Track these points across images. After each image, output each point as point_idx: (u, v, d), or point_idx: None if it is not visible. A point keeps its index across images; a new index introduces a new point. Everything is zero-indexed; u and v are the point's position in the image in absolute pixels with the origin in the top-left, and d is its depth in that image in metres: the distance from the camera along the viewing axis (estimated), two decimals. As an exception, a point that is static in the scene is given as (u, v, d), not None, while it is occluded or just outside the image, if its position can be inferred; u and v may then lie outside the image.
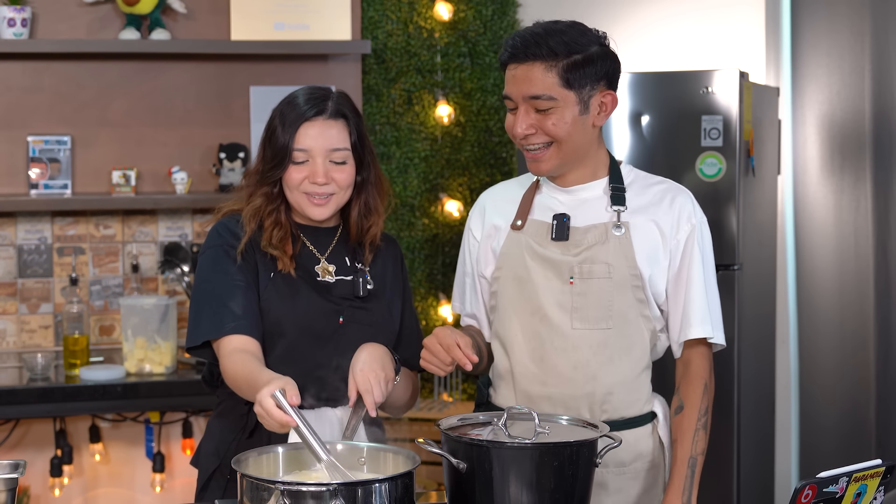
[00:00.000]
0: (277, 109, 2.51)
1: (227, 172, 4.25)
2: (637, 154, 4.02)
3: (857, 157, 3.98)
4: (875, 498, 1.94)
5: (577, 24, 2.43)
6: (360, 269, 2.56)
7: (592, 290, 2.41)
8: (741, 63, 4.37)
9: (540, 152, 2.40)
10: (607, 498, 2.45)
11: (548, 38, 2.37)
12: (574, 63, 2.36)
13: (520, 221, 2.49)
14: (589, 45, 2.39)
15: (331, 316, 2.51)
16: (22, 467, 2.14)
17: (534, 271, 2.44)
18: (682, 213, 2.45)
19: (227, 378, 2.44)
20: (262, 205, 2.51)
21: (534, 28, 2.42)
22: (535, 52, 2.36)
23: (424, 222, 4.50)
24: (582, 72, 2.36)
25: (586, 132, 2.41)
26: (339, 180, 2.48)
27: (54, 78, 4.22)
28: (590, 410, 2.43)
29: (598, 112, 2.41)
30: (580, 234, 2.43)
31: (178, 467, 4.33)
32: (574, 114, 2.37)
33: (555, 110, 2.36)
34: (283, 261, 2.49)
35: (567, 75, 2.35)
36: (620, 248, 2.41)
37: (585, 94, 2.38)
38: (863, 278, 3.92)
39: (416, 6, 4.45)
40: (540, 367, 2.44)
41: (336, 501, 1.97)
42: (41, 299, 4.27)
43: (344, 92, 2.56)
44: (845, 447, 4.09)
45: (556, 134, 2.37)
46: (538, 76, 2.36)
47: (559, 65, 2.35)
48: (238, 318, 2.43)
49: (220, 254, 2.50)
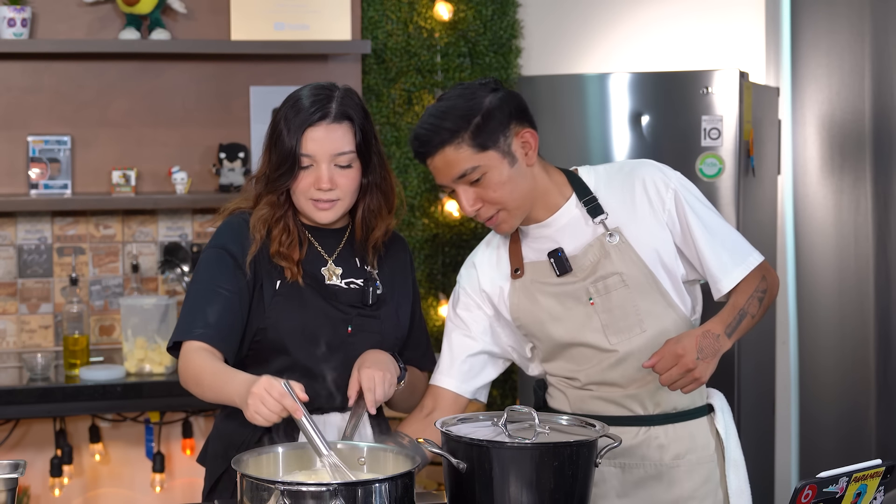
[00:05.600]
0: (281, 113, 2.46)
1: (227, 172, 4.25)
2: (637, 154, 4.02)
3: (856, 157, 3.98)
4: (875, 498, 1.94)
5: (464, 89, 2.41)
6: (368, 273, 2.55)
7: (614, 303, 2.43)
8: (741, 63, 4.37)
9: (495, 218, 2.43)
10: (663, 491, 2.47)
11: (441, 122, 2.36)
12: (476, 127, 2.35)
13: (518, 270, 2.51)
14: (480, 102, 2.37)
15: (339, 325, 2.49)
16: (22, 467, 2.13)
17: (552, 309, 2.47)
18: (656, 186, 2.46)
19: (185, 373, 2.37)
20: (269, 214, 2.49)
21: (426, 119, 2.39)
22: (437, 140, 2.36)
23: (424, 222, 4.50)
24: (488, 129, 2.36)
25: (525, 177, 2.42)
26: (343, 185, 2.45)
27: (54, 78, 4.22)
28: (642, 406, 2.48)
29: (524, 154, 2.41)
30: (580, 259, 2.45)
31: (178, 467, 4.33)
32: (505, 169, 2.38)
33: (486, 175, 2.37)
34: (290, 270, 2.47)
35: (477, 141, 2.35)
36: (623, 254, 2.42)
37: (503, 145, 2.38)
38: (863, 278, 3.92)
39: (416, 6, 4.45)
40: (596, 383, 2.50)
41: (336, 501, 1.97)
42: (41, 299, 4.27)
43: (349, 88, 2.51)
44: (845, 447, 4.09)
45: (499, 200, 2.40)
46: (452, 158, 2.36)
47: (465, 137, 2.35)
48: (208, 326, 2.39)
49: (214, 256, 2.48)
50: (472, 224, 4.50)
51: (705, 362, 2.27)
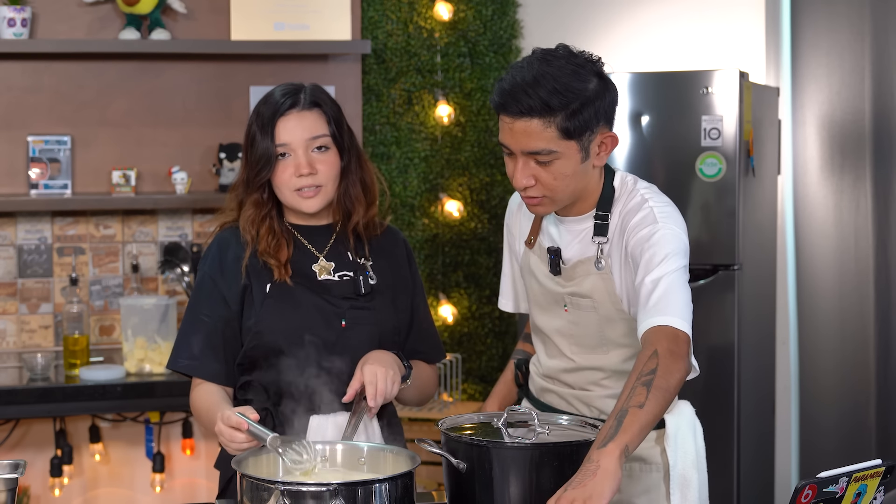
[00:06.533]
0: (254, 112, 2.53)
1: (227, 172, 4.25)
2: (637, 154, 4.02)
3: (856, 157, 3.98)
4: (875, 498, 1.94)
5: (570, 62, 2.27)
6: (360, 265, 2.56)
7: (584, 320, 2.42)
8: (741, 63, 4.37)
9: (536, 200, 2.34)
10: None
11: (539, 88, 2.22)
12: (572, 112, 2.23)
13: (533, 238, 2.50)
14: (585, 87, 2.25)
15: (332, 320, 2.50)
16: (22, 467, 2.13)
17: (537, 294, 2.49)
18: (655, 255, 2.29)
19: (192, 410, 2.55)
20: (255, 213, 2.53)
21: (524, 75, 2.25)
22: (529, 105, 2.22)
23: (424, 222, 4.50)
24: (581, 118, 2.24)
25: (586, 175, 2.35)
26: (323, 171, 2.49)
27: (54, 78, 4.22)
28: (590, 411, 2.46)
29: (597, 153, 2.33)
30: (570, 269, 2.43)
31: (178, 467, 4.33)
32: (576, 162, 2.29)
33: (556, 162, 2.28)
34: (278, 270, 2.50)
35: (566, 126, 2.24)
36: (603, 284, 2.39)
37: (586, 139, 2.28)
38: (863, 278, 3.92)
39: (416, 6, 4.45)
40: (551, 377, 2.51)
41: (336, 501, 1.97)
42: (41, 299, 4.27)
43: (317, 84, 2.57)
44: (845, 447, 4.09)
45: (554, 188, 2.30)
46: (536, 132, 2.24)
47: (557, 118, 2.23)
48: (193, 358, 2.51)
49: (198, 282, 2.57)
50: (472, 224, 4.50)
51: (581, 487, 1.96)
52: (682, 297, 2.23)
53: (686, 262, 2.30)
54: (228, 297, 2.51)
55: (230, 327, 2.51)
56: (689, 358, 2.16)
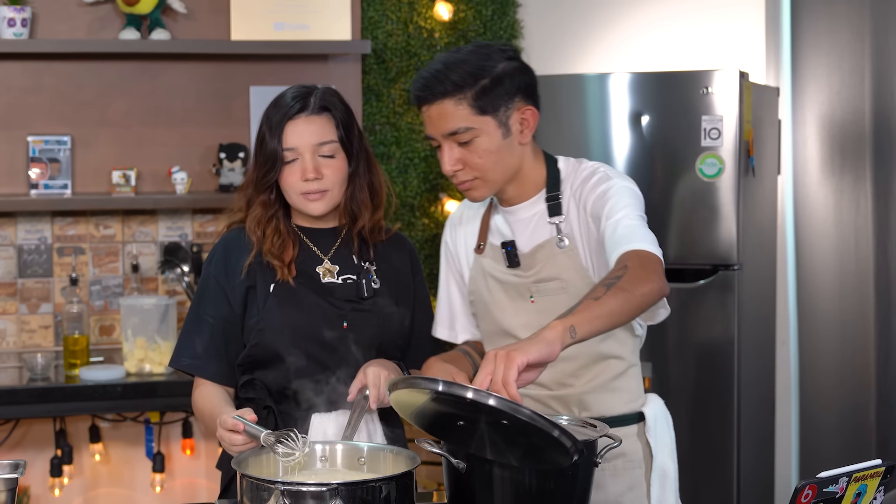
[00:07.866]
0: (264, 114, 2.54)
1: (227, 172, 4.25)
2: (637, 154, 4.02)
3: (857, 157, 3.99)
4: (875, 498, 1.94)
5: (480, 48, 2.37)
6: (364, 269, 2.56)
7: (553, 306, 2.38)
8: (741, 63, 4.38)
9: (469, 184, 2.39)
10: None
11: (449, 72, 2.32)
12: (482, 88, 2.32)
13: (482, 244, 2.50)
14: (494, 65, 2.34)
15: (335, 321, 2.50)
16: (22, 467, 2.13)
17: (497, 293, 2.47)
18: (597, 187, 2.36)
19: (194, 410, 2.58)
20: (262, 214, 2.54)
21: (435, 65, 2.36)
22: (440, 89, 2.32)
23: (424, 222, 4.50)
24: (492, 94, 2.32)
25: (514, 153, 2.39)
26: (329, 176, 2.49)
27: (54, 78, 4.22)
28: (568, 410, 2.43)
29: (520, 130, 2.38)
30: (529, 257, 2.43)
31: (178, 467, 4.33)
32: (497, 138, 2.35)
33: (476, 140, 2.34)
34: (281, 270, 2.51)
35: (478, 102, 2.32)
36: (569, 261, 2.39)
37: (502, 115, 2.34)
38: (863, 279, 3.93)
39: (416, 6, 4.45)
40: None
41: (336, 501, 1.97)
42: (41, 299, 4.27)
43: (330, 87, 2.57)
44: (845, 447, 4.09)
45: (481, 168, 2.36)
46: (450, 111, 2.33)
47: (468, 95, 2.31)
48: (196, 357, 2.53)
49: (202, 282, 2.58)
50: (472, 224, 4.50)
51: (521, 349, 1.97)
52: (649, 233, 2.26)
53: (644, 215, 2.34)
54: (232, 298, 2.51)
55: (233, 328, 2.52)
56: (661, 276, 2.16)
